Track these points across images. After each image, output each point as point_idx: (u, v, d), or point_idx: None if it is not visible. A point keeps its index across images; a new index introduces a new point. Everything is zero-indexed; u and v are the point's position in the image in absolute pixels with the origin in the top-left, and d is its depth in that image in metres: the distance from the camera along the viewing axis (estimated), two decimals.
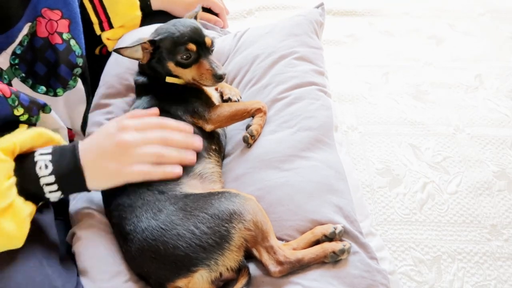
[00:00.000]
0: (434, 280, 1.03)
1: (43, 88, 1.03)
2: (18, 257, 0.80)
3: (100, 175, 0.82)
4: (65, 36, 1.02)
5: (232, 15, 1.92)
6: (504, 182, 1.21)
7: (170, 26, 1.00)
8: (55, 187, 0.79)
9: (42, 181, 0.78)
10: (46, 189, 0.79)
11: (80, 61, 1.07)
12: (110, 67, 1.22)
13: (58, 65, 1.02)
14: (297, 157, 0.98)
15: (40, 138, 0.83)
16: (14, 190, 0.75)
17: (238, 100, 1.09)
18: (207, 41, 0.99)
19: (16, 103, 0.85)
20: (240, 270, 0.82)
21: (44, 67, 1.02)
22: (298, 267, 0.82)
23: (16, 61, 0.97)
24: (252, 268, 0.84)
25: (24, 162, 0.79)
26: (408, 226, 1.13)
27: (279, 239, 0.87)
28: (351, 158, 1.27)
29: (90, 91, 1.16)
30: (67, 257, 0.88)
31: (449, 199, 1.18)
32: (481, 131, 1.35)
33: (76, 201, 0.98)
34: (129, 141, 0.81)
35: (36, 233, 0.88)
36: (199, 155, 0.94)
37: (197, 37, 0.98)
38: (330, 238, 0.85)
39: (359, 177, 1.24)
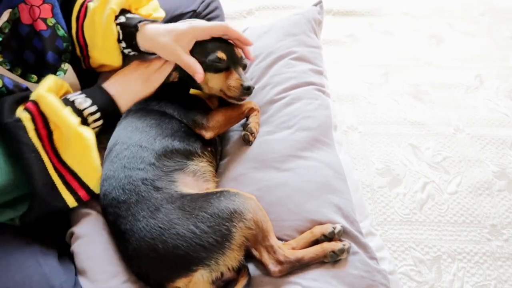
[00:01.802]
0: (434, 280, 1.03)
1: (34, 77, 1.01)
2: (16, 257, 0.80)
3: (128, 96, 1.01)
4: (49, 21, 1.00)
5: (232, 15, 1.92)
6: (504, 182, 1.21)
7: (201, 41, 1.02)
8: (98, 115, 0.94)
9: (86, 112, 0.93)
10: (90, 118, 0.94)
11: (68, 46, 1.05)
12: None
13: (46, 52, 1.00)
14: (296, 157, 0.98)
15: (62, 87, 0.97)
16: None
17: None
18: (237, 52, 1.03)
19: (0, 85, 0.89)
20: (240, 270, 0.82)
21: (32, 55, 1.00)
22: (298, 266, 0.82)
23: None
24: (252, 268, 0.84)
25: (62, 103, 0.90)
26: (408, 226, 1.13)
27: (279, 239, 0.86)
28: (351, 158, 1.27)
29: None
30: (65, 256, 0.88)
31: (449, 199, 1.17)
32: (481, 131, 1.35)
33: None
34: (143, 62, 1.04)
35: (34, 232, 0.88)
36: (192, 153, 0.95)
37: (227, 47, 1.01)
38: (329, 237, 0.85)
39: (359, 177, 1.23)
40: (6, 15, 0.94)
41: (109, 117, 0.98)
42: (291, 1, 2.00)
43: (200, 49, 1.01)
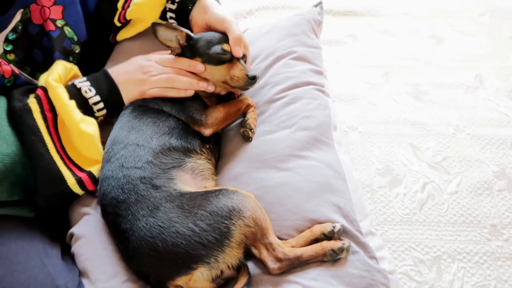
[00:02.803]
0: (434, 280, 1.03)
1: None
2: (20, 257, 0.80)
3: (130, 86, 1.01)
4: (58, 23, 1.01)
5: (232, 15, 1.92)
6: (504, 182, 1.21)
7: (203, 34, 1.05)
8: (101, 105, 0.98)
9: (90, 101, 0.97)
10: (95, 108, 0.97)
11: (76, 48, 1.06)
12: (116, 56, 1.20)
13: (53, 52, 1.02)
14: (296, 157, 0.98)
15: (71, 70, 1.01)
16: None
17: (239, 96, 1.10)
18: None
19: (12, 83, 0.93)
20: (240, 269, 0.82)
21: (41, 54, 1.02)
22: (297, 264, 0.82)
23: (10, 48, 0.96)
24: (251, 266, 0.84)
25: (69, 91, 0.94)
26: (408, 226, 1.13)
27: (279, 238, 0.86)
28: (351, 158, 1.27)
29: None
30: (67, 256, 0.88)
31: (449, 199, 1.17)
32: (481, 131, 1.35)
33: (74, 202, 0.97)
34: (148, 66, 1.03)
35: (38, 233, 0.88)
36: (190, 150, 0.95)
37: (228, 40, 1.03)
38: (329, 236, 0.85)
39: (359, 177, 1.23)
40: (19, 14, 0.96)
41: (112, 106, 1.00)
42: (291, 1, 1.99)
43: (203, 42, 1.02)
